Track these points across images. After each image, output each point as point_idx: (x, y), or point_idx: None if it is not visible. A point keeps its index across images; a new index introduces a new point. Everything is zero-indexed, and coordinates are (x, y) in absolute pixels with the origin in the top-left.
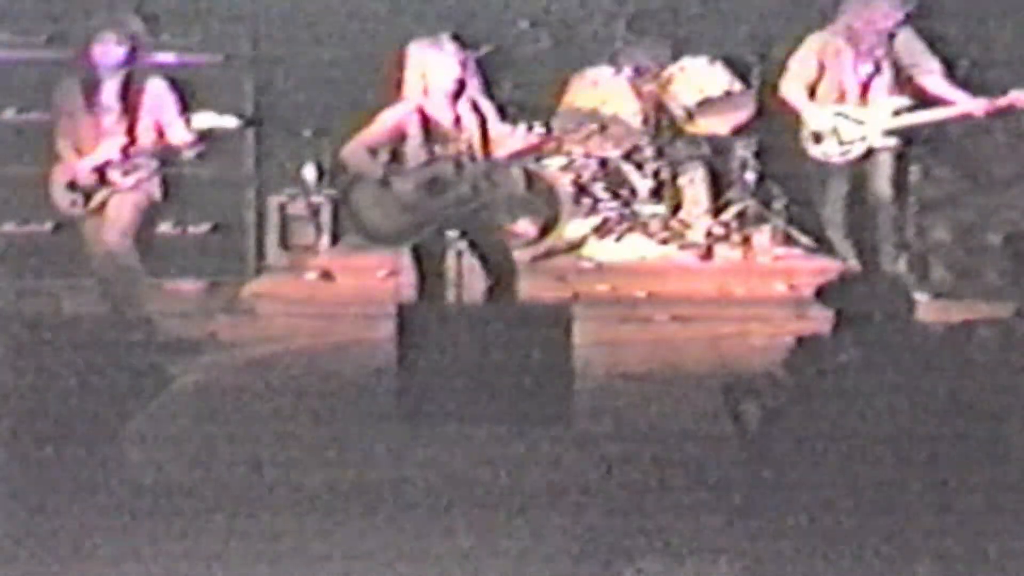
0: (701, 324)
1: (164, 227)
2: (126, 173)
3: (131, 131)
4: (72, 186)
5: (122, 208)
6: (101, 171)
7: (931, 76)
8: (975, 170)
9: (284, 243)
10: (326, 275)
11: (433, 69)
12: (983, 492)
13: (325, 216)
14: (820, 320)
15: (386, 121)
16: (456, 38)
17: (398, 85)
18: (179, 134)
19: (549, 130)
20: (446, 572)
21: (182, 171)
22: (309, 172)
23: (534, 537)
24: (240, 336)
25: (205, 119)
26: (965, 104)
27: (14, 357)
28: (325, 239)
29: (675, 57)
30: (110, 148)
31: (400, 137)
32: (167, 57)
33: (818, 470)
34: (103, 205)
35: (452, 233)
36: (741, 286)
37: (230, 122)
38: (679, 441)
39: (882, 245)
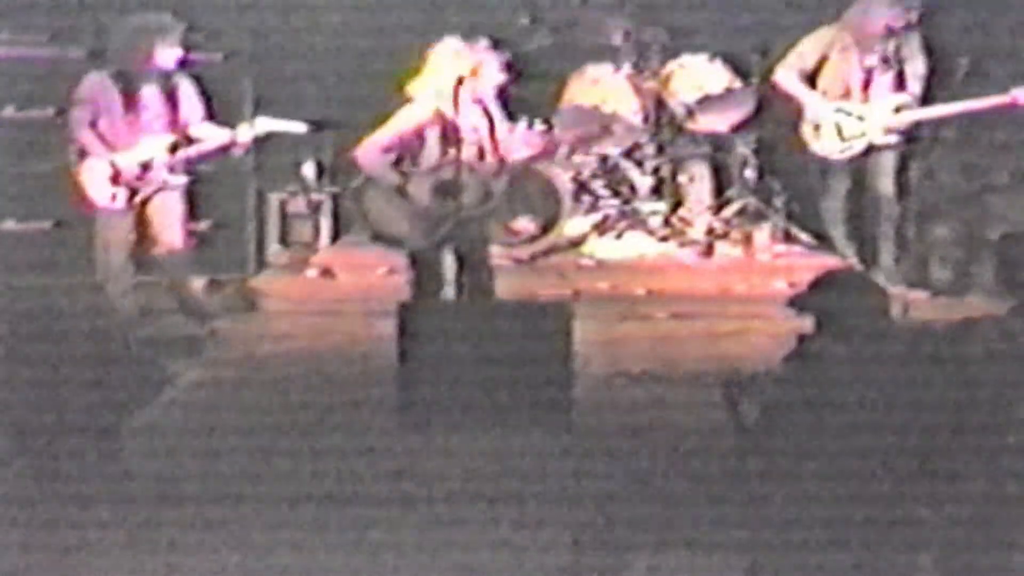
0: (701, 321)
1: None
2: (172, 170)
3: (173, 129)
4: (114, 180)
5: (170, 206)
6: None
7: (913, 79)
8: (975, 169)
9: (284, 240)
10: (326, 272)
11: (463, 70)
12: (983, 486)
13: (325, 213)
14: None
15: (404, 122)
16: (494, 43)
17: (400, 85)
18: (242, 133)
19: (550, 127)
20: (446, 568)
21: None
22: (309, 169)
23: (534, 534)
24: (240, 334)
25: (266, 123)
26: (965, 104)
27: (14, 355)
28: (325, 236)
29: (675, 54)
30: (156, 146)
31: (417, 139)
32: None
33: (817, 466)
34: (144, 202)
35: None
36: (741, 283)
37: (297, 127)
38: (679, 438)
39: (882, 243)
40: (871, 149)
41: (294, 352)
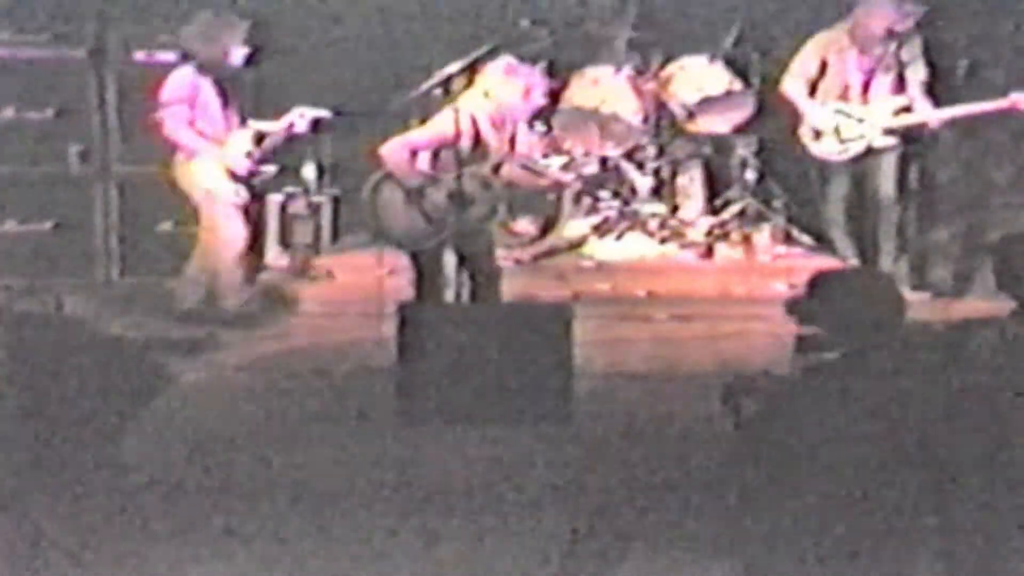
0: (701, 323)
1: (164, 226)
2: (263, 162)
3: (244, 123)
4: (232, 176)
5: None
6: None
7: (913, 84)
8: (975, 169)
9: (284, 242)
10: (327, 274)
11: (508, 92)
12: (982, 490)
13: (326, 215)
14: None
15: (438, 128)
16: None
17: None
18: (301, 122)
19: (549, 128)
20: (445, 569)
21: None
22: (309, 171)
23: (533, 535)
24: (240, 335)
25: (307, 111)
26: (953, 110)
27: (14, 357)
28: (325, 238)
29: (675, 56)
30: (246, 138)
31: (445, 145)
32: (167, 55)
33: (817, 469)
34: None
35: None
36: (741, 285)
37: (326, 115)
38: (678, 440)
39: (883, 244)
40: (871, 151)
41: (294, 353)
